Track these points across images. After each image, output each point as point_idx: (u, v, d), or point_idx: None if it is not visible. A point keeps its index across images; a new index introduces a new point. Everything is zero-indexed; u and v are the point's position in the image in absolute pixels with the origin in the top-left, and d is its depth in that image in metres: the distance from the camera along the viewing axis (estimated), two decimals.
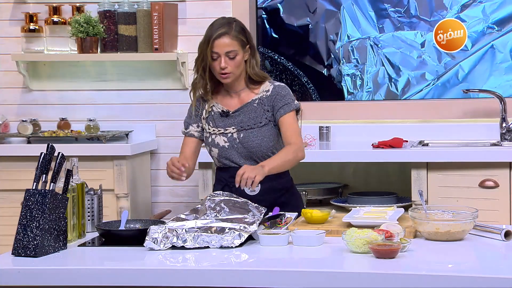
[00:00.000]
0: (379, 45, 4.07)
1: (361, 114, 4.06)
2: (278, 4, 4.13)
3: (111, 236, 2.49)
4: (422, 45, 4.05)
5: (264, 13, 4.13)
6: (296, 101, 2.81)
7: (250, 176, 2.53)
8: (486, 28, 4.00)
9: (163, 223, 2.52)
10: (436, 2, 4.03)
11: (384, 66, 4.08)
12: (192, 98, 2.82)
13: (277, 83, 2.81)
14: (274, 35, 4.14)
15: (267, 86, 2.80)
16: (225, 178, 2.80)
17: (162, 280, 2.18)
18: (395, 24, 4.07)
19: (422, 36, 4.06)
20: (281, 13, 4.15)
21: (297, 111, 2.81)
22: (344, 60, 4.09)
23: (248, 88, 2.79)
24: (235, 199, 2.57)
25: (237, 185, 2.55)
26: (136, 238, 2.47)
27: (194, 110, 2.83)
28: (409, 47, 4.06)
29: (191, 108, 2.84)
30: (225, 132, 2.77)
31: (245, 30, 2.75)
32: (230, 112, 2.78)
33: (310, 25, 4.10)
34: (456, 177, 3.55)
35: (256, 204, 2.60)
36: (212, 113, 2.79)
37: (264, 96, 2.78)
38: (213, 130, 2.79)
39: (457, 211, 2.52)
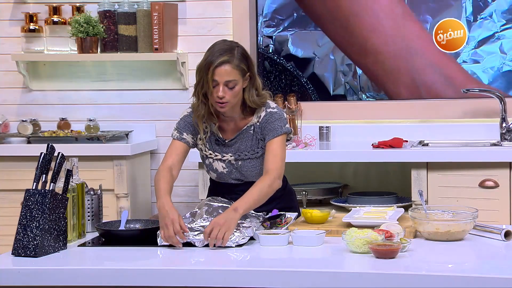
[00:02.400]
0: None
1: (361, 114, 4.06)
2: (289, 35, 4.11)
3: (111, 236, 2.49)
4: None
5: (271, 42, 4.11)
6: (287, 125, 2.71)
7: (219, 236, 2.39)
8: (503, 65, 3.95)
9: None
10: None
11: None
12: (199, 127, 2.70)
13: (269, 109, 2.71)
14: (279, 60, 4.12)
15: (260, 112, 2.70)
16: (221, 192, 2.77)
17: (162, 280, 2.18)
18: None
19: None
20: (289, 44, 4.10)
21: (288, 134, 2.71)
22: (363, 89, 4.07)
23: (243, 114, 2.71)
24: None
25: (206, 242, 2.39)
26: (136, 238, 2.47)
27: (190, 125, 2.73)
28: None
29: (188, 120, 2.73)
30: (223, 158, 2.73)
31: (247, 58, 2.64)
32: (226, 141, 2.72)
33: (316, 57, 4.08)
34: (456, 177, 3.54)
35: (255, 213, 2.59)
36: (209, 134, 2.73)
37: (257, 123, 2.70)
38: (210, 154, 2.74)
39: (457, 211, 2.52)
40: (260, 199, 2.58)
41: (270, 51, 4.13)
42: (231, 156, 2.72)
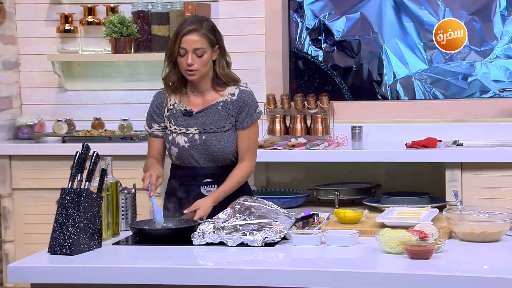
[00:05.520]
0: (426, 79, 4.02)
1: (394, 114, 4.03)
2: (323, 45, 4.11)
3: (144, 235, 2.51)
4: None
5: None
6: (258, 108, 2.81)
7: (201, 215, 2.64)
8: None
9: (195, 222, 2.54)
10: (486, 33, 3.95)
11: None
12: (167, 94, 2.80)
13: (242, 88, 2.79)
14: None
15: (233, 90, 2.77)
16: (181, 176, 2.81)
17: (194, 279, 2.19)
18: (444, 55, 4.02)
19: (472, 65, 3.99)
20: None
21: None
22: (393, 99, 4.05)
23: (213, 89, 2.77)
24: (265, 206, 2.56)
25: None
26: (168, 237, 2.48)
27: (157, 108, 2.82)
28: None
29: (153, 106, 2.83)
30: (187, 132, 2.77)
31: (215, 30, 2.75)
32: (194, 113, 2.77)
33: (354, 67, 4.07)
34: (491, 178, 3.50)
35: (286, 212, 2.58)
36: (174, 111, 2.79)
37: (229, 100, 2.76)
38: (174, 129, 2.78)
39: (492, 211, 2.49)
40: (239, 185, 2.77)
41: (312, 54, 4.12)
42: (195, 130, 2.76)
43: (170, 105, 2.79)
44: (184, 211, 2.67)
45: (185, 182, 2.79)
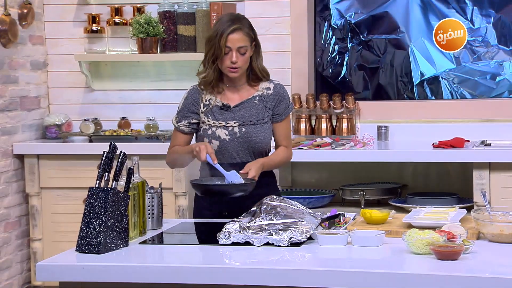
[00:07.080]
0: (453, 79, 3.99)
1: (421, 114, 4.01)
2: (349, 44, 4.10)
3: (210, 192, 2.66)
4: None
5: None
6: (290, 100, 2.90)
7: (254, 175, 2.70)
8: None
9: (253, 180, 2.68)
10: None
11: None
12: (204, 91, 2.81)
13: (276, 82, 2.87)
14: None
15: (267, 84, 2.84)
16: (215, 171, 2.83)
17: (220, 278, 2.20)
18: (471, 54, 3.99)
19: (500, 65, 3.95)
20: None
21: None
22: (420, 99, 4.03)
23: (248, 84, 2.83)
24: (291, 206, 2.55)
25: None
26: (229, 193, 2.65)
27: (191, 104, 2.83)
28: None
29: (187, 102, 2.84)
30: (226, 125, 2.80)
31: (252, 27, 2.82)
32: (231, 107, 2.81)
33: (380, 66, 4.05)
34: None
35: (312, 212, 2.57)
36: (211, 106, 2.82)
37: (265, 93, 2.83)
38: (213, 123, 2.81)
39: None
40: (277, 167, 2.88)
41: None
42: (235, 123, 2.80)
43: (206, 101, 2.83)
44: (240, 172, 2.72)
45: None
